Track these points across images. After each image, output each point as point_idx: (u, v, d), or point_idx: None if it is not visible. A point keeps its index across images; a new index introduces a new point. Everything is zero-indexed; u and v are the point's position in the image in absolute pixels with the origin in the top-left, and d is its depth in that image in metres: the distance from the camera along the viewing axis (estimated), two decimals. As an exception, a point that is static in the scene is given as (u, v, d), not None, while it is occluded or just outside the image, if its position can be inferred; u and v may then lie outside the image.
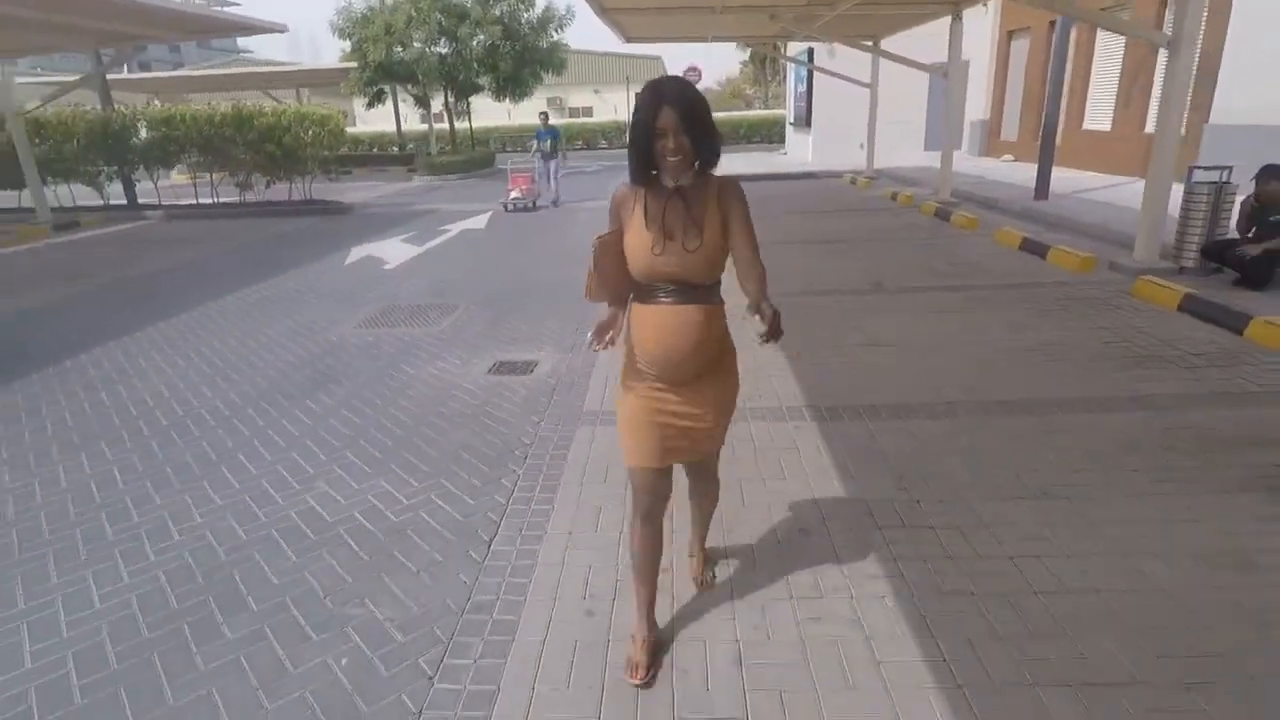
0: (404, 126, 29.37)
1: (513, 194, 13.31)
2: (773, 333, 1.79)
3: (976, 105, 19.07)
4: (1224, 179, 6.18)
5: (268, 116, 14.01)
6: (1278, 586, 2.36)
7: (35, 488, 3.49)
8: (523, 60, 23.35)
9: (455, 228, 11.58)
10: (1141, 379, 4.17)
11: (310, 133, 14.20)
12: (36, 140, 13.53)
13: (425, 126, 28.89)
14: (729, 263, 1.96)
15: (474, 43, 22.39)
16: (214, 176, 15.02)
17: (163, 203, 14.72)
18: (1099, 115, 13.91)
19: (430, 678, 2.16)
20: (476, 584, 2.58)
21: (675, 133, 1.79)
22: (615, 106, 38.71)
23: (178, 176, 17.73)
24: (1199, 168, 6.35)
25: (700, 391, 2.01)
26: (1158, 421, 3.59)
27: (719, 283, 1.98)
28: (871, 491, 3.05)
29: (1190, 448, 3.30)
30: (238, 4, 37.89)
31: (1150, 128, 12.15)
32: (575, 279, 2.48)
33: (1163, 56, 6.11)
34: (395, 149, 26.82)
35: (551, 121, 14.68)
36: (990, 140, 18.68)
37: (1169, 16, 11.57)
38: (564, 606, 2.41)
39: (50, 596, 2.64)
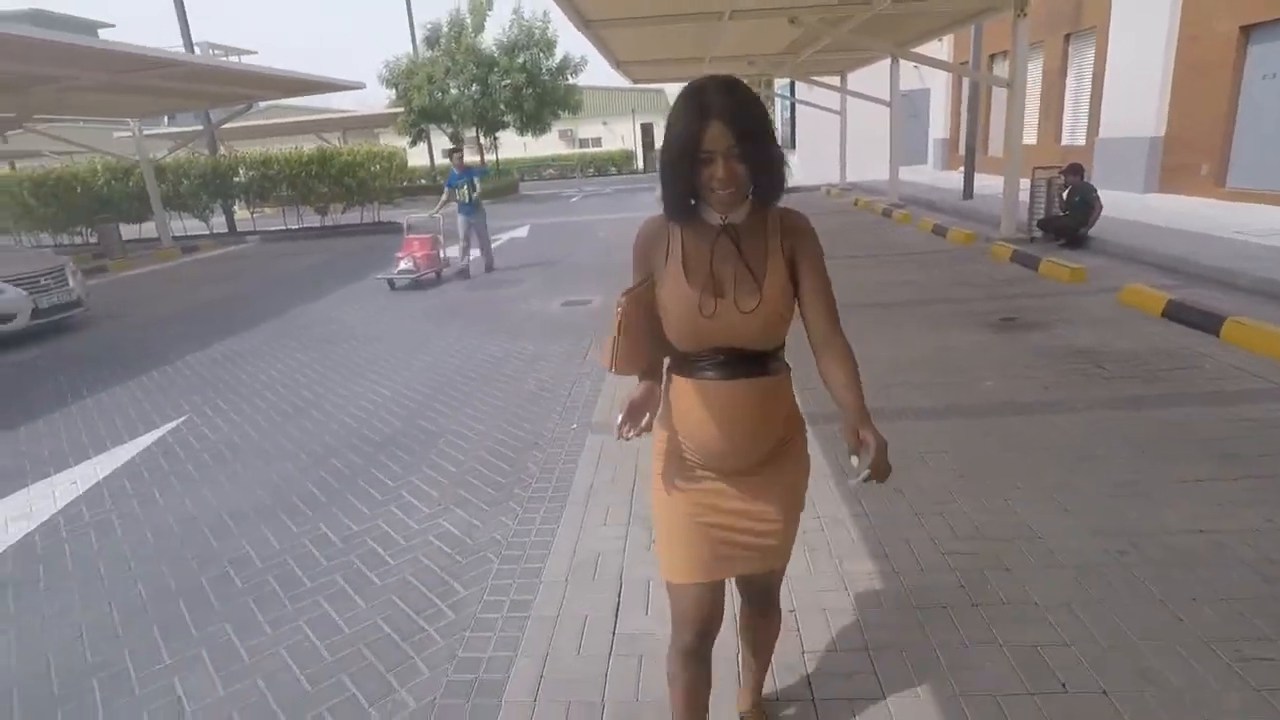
0: (436, 160, 32.70)
1: (402, 264, 9.32)
2: (879, 473, 1.34)
3: (939, 125, 22.03)
4: (1054, 177, 8.97)
5: (345, 155, 17.15)
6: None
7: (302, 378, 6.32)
8: (543, 101, 26.63)
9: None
10: (962, 291, 6.95)
11: (378, 168, 17.34)
12: (161, 183, 16.70)
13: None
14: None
15: (502, 86, 25.70)
16: (299, 207, 18.17)
17: (257, 229, 17.85)
18: (1028, 131, 16.78)
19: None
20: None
21: (727, 156, 1.30)
22: (622, 136, 42.01)
23: (268, 209, 20.95)
24: (1040, 168, 9.17)
25: (764, 483, 1.56)
26: (963, 309, 6.36)
27: (783, 345, 1.52)
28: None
29: (979, 321, 6.08)
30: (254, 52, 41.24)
31: (1065, 140, 15.03)
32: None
33: (1014, 92, 8.86)
34: (423, 181, 30.15)
35: (481, 160, 13.34)
36: (950, 155, 21.57)
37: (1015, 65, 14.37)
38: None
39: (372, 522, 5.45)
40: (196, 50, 19.48)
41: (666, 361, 1.60)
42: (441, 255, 9.90)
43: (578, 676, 2.28)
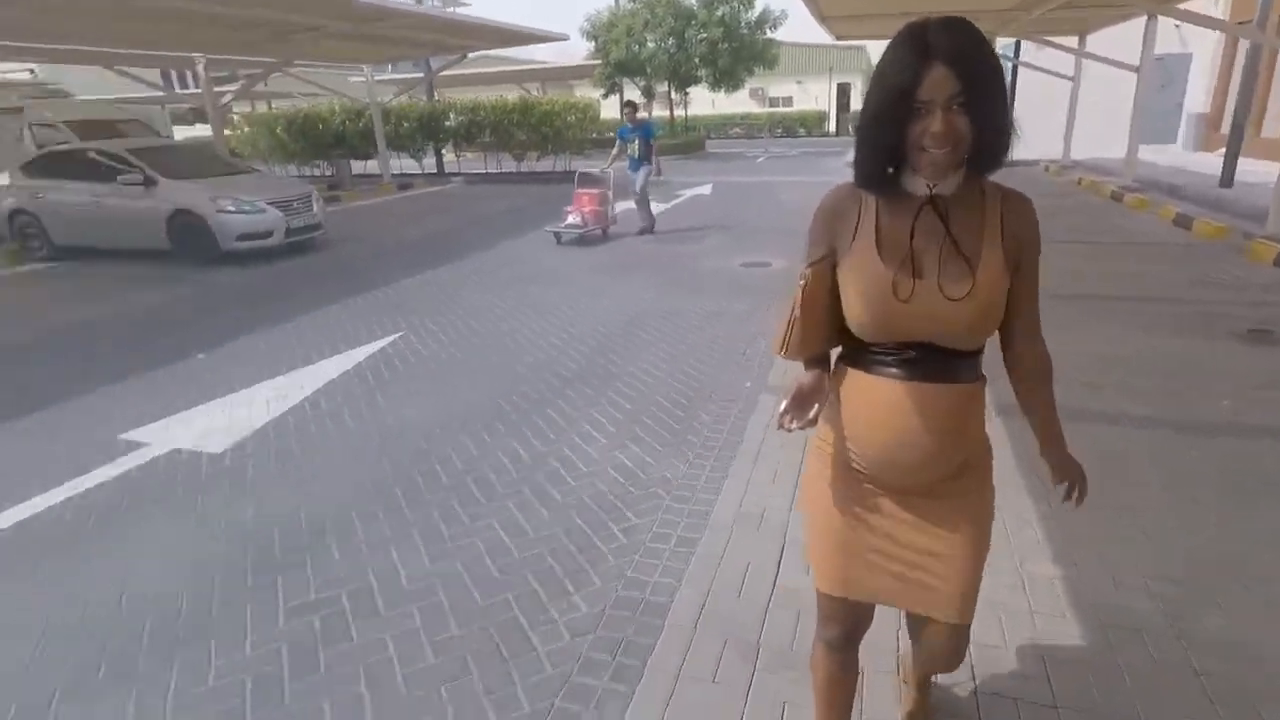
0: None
1: (570, 218, 9.31)
2: (1081, 500, 1.33)
3: (1198, 98, 19.01)
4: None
5: (544, 105, 18.01)
6: (1180, 354, 4.55)
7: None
8: (738, 56, 26.17)
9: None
10: (1203, 292, 6.11)
11: (573, 118, 18.05)
12: (385, 124, 18.49)
13: (645, 115, 32.72)
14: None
15: (698, 41, 25.57)
16: (499, 152, 19.43)
17: (461, 170, 19.33)
18: (1314, 109, 14.07)
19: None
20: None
21: (948, 107, 1.11)
22: (816, 96, 40.36)
23: (470, 153, 22.64)
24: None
25: (940, 510, 1.36)
26: (1203, 312, 5.62)
27: (983, 349, 1.32)
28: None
29: (1222, 329, 5.38)
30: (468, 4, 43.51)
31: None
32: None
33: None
34: (611, 133, 30.93)
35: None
36: (1209, 134, 18.61)
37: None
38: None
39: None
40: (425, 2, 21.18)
41: (838, 355, 1.42)
42: (610, 212, 9.69)
43: (737, 616, 2.39)
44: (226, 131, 17.40)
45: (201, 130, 26.47)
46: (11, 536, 3.07)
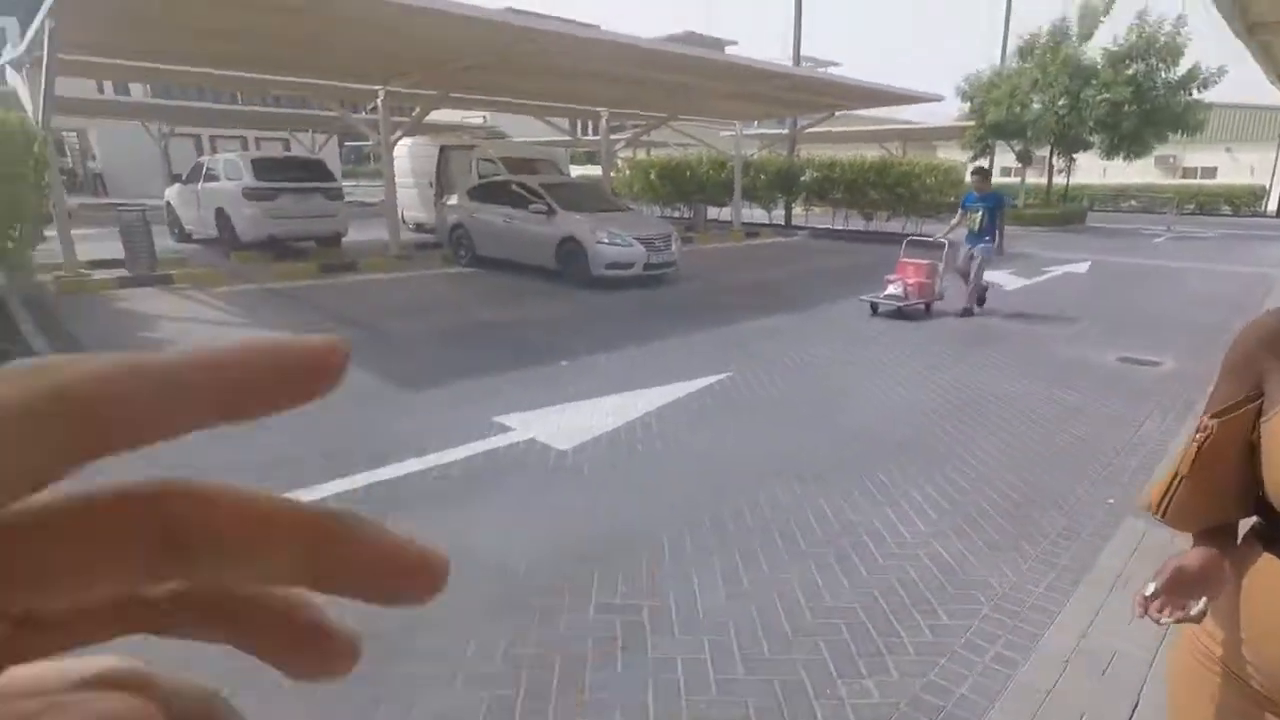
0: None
1: (890, 288, 8.64)
2: None
3: None
4: None
5: (903, 165, 17.56)
6: None
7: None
8: (1148, 120, 22.56)
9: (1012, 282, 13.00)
10: None
11: (932, 180, 17.28)
12: (744, 176, 19.72)
13: (1014, 180, 29.93)
14: None
15: (1097, 102, 22.66)
16: (847, 210, 19.42)
17: (808, 224, 19.72)
18: None
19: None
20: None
21: None
22: (1251, 167, 33.03)
23: (818, 208, 23.07)
24: None
25: None
26: None
27: None
28: None
29: None
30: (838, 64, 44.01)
31: None
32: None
33: None
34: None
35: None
36: None
37: None
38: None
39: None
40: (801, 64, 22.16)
41: (1247, 539, 1.09)
42: (937, 286, 8.79)
43: (1064, 769, 2.02)
44: (611, 173, 20.11)
45: (591, 169, 31.09)
46: (402, 483, 3.88)
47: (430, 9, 7.79)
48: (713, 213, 20.95)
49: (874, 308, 8.69)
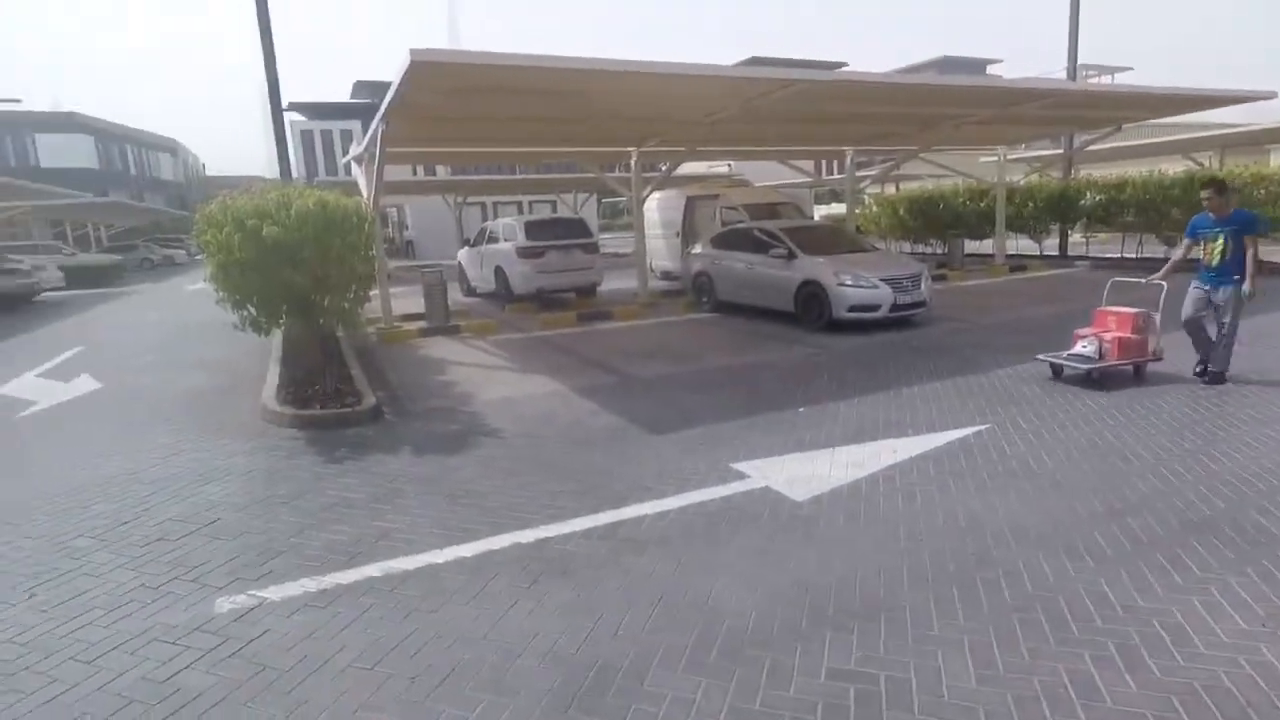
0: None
1: (1081, 344, 6.64)
2: None
3: None
4: None
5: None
6: None
7: (1141, 407, 5.72)
8: None
9: None
10: None
11: (1263, 192, 14.25)
12: (1008, 204, 17.96)
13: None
14: None
15: None
16: (1141, 235, 16.73)
17: (1089, 254, 17.34)
18: None
19: None
20: None
21: None
22: None
23: (1103, 235, 20.24)
24: None
25: None
26: None
27: None
28: None
29: None
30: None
31: None
32: None
33: None
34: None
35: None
36: None
37: None
38: None
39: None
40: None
41: None
42: (1153, 343, 6.58)
43: None
44: (856, 210, 19.51)
45: (837, 208, 30.43)
46: (641, 524, 4.06)
47: (686, 74, 8.30)
48: (971, 246, 19.33)
49: (1055, 370, 6.79)
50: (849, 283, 9.60)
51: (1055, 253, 18.25)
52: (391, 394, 7.33)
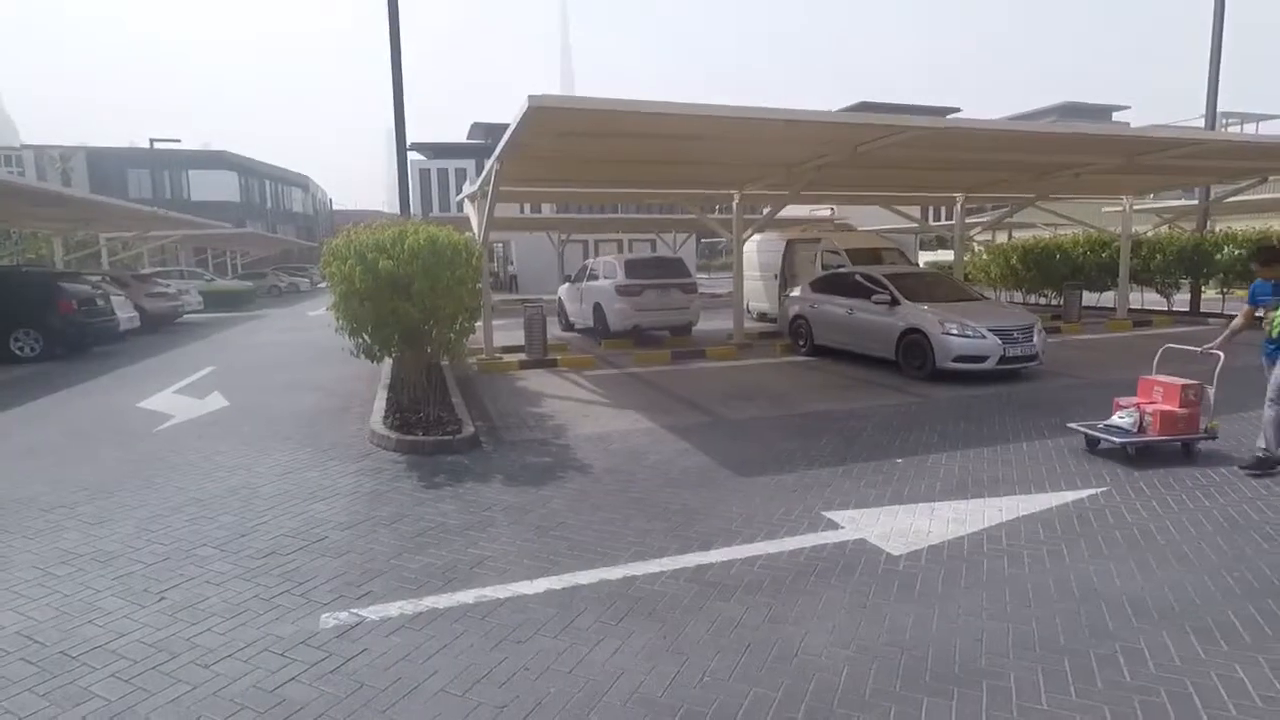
0: None
1: (1119, 415, 6.05)
2: None
3: None
4: None
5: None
6: None
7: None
8: None
9: None
10: None
11: None
12: (1133, 257, 16.87)
13: None
14: None
15: None
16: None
17: (1225, 311, 15.98)
18: None
19: None
20: None
21: None
22: None
23: (1241, 291, 18.66)
24: None
25: None
26: None
27: None
28: None
29: None
30: None
31: None
32: None
33: None
34: None
35: None
36: None
37: None
38: None
39: None
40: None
41: None
42: (1206, 418, 5.88)
43: None
44: (965, 257, 18.84)
45: (942, 255, 29.44)
46: (729, 568, 4.00)
47: (799, 120, 8.37)
48: (1089, 298, 18.23)
49: (1090, 442, 6.15)
50: (955, 331, 9.25)
51: (1185, 309, 16.91)
52: (489, 424, 7.59)
